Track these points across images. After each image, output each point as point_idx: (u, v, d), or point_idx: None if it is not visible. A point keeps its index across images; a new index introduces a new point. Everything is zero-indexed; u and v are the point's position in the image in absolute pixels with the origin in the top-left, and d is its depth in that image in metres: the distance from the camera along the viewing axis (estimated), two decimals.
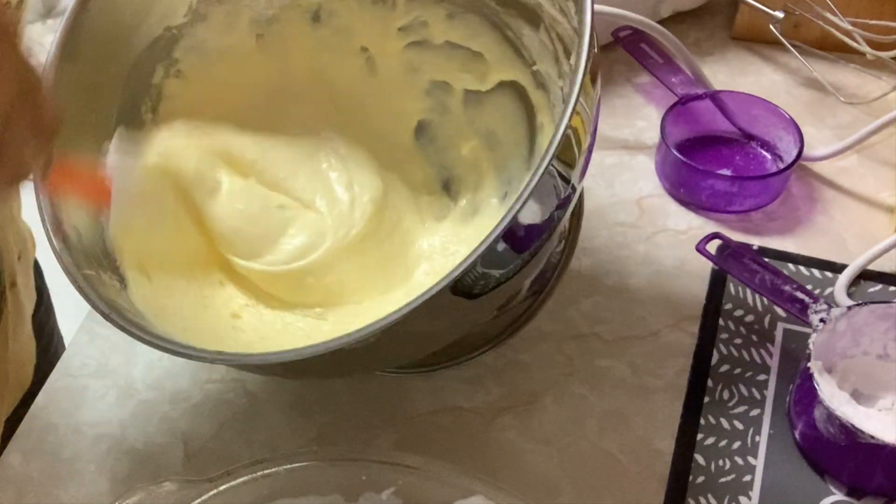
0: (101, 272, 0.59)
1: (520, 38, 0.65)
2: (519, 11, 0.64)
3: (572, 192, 0.54)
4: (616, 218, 0.78)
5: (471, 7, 0.67)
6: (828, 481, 0.62)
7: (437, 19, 0.68)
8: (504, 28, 0.66)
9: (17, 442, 0.66)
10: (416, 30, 0.69)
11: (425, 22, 0.68)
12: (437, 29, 0.68)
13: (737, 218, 0.77)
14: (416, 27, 0.69)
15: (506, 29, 0.66)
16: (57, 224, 0.58)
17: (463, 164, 0.71)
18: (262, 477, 0.54)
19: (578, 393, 0.67)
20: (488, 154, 0.70)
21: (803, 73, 0.88)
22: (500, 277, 0.53)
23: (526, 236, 0.52)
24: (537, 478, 0.63)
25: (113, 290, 0.59)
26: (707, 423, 0.65)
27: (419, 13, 0.68)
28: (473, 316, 0.58)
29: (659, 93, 0.86)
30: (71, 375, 0.69)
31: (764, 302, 0.71)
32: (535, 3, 0.62)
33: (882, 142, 0.82)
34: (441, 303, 0.50)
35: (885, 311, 0.63)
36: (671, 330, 0.70)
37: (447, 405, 0.67)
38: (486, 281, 0.52)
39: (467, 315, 0.57)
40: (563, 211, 0.55)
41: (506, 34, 0.66)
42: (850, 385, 0.64)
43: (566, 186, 0.53)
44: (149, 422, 0.67)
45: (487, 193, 0.69)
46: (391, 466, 0.55)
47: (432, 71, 0.70)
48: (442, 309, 0.52)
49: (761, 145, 0.81)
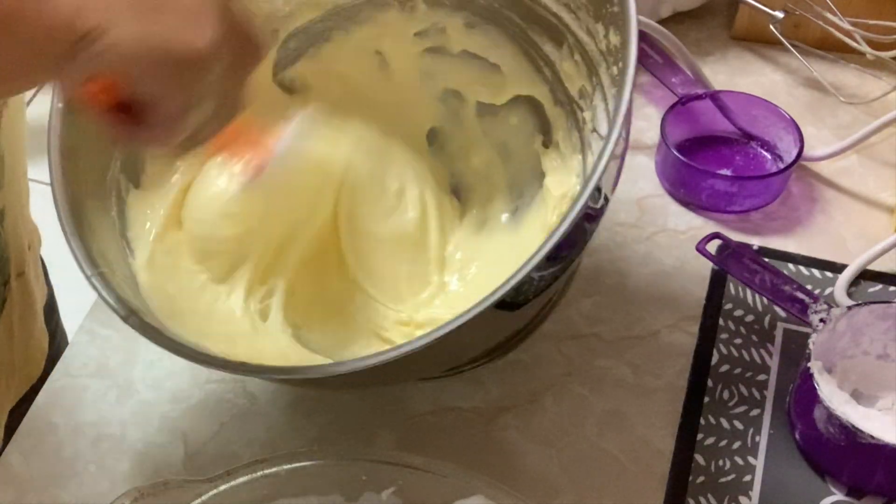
0: (117, 269, 0.59)
1: (540, 54, 0.65)
2: (543, 28, 0.64)
3: (605, 202, 0.54)
4: (616, 218, 0.78)
5: (492, 19, 0.66)
6: (828, 481, 0.62)
7: (455, 27, 0.68)
8: (524, 42, 0.66)
9: (17, 442, 0.66)
10: (433, 36, 0.69)
11: (443, 29, 0.68)
12: (454, 37, 0.68)
13: (737, 218, 0.77)
14: (434, 33, 0.69)
15: (526, 44, 0.66)
16: (77, 220, 0.58)
17: (474, 174, 0.71)
18: (262, 477, 0.54)
19: (578, 393, 0.67)
20: (501, 167, 0.70)
21: (803, 73, 0.88)
22: (535, 290, 0.54)
23: (565, 251, 0.53)
24: (537, 478, 0.63)
25: (128, 288, 0.59)
26: (707, 423, 0.65)
27: (438, 19, 0.68)
28: (509, 326, 0.59)
29: (659, 93, 0.86)
30: (71, 375, 0.69)
31: (764, 302, 0.71)
32: (560, 22, 0.62)
33: (882, 142, 0.82)
34: (486, 316, 0.50)
35: (885, 311, 0.63)
36: (671, 330, 0.70)
37: (447, 405, 0.67)
38: (525, 295, 0.53)
39: (505, 325, 0.58)
40: (597, 223, 0.55)
41: (525, 48, 0.66)
42: (850, 385, 0.64)
43: (601, 200, 0.53)
44: (149, 422, 0.67)
45: (497, 208, 0.70)
46: (391, 466, 0.55)
47: (447, 79, 0.70)
48: (486, 321, 0.52)
49: (761, 145, 0.81)
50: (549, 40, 0.64)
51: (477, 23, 0.67)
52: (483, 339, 0.60)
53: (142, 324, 0.55)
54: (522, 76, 0.67)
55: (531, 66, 0.66)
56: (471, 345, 0.60)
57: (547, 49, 0.65)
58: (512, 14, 0.65)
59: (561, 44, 0.63)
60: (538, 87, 0.67)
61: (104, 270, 0.57)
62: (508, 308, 0.53)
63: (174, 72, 0.45)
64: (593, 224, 0.55)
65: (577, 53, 0.61)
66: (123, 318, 0.55)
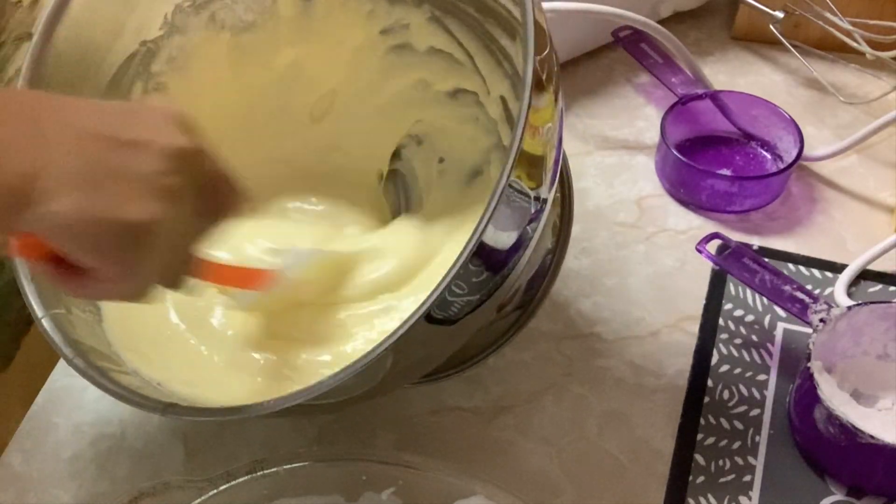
0: (73, 307, 0.59)
1: (499, 48, 0.64)
2: (497, 20, 0.63)
3: (543, 204, 0.53)
4: (616, 218, 0.78)
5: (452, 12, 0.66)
6: (828, 481, 0.62)
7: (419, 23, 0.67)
8: (484, 36, 0.65)
9: (17, 442, 0.66)
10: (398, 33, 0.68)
11: (407, 25, 0.67)
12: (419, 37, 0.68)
13: (737, 218, 0.77)
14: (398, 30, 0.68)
15: (487, 39, 0.64)
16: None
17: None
18: (261, 477, 0.54)
19: (578, 393, 0.67)
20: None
21: (803, 73, 0.88)
22: (480, 298, 0.52)
23: (499, 256, 0.51)
24: (537, 478, 0.63)
25: (85, 326, 0.59)
26: (707, 423, 0.65)
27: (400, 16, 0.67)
28: (463, 336, 0.57)
29: (659, 93, 0.86)
30: (71, 375, 0.69)
31: (764, 302, 0.71)
32: (510, 15, 0.60)
33: (882, 142, 0.82)
34: (419, 334, 0.49)
35: (885, 311, 0.63)
36: (671, 330, 0.70)
37: (447, 405, 0.67)
38: (467, 305, 0.52)
39: (457, 336, 0.57)
40: (537, 223, 0.53)
41: (487, 44, 0.65)
42: (850, 385, 0.64)
43: (535, 202, 0.52)
44: (149, 422, 0.67)
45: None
46: (391, 466, 0.55)
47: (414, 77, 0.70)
48: (422, 339, 0.51)
49: (761, 145, 0.81)
50: (504, 33, 0.62)
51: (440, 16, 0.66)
52: (441, 351, 0.58)
53: (85, 365, 0.55)
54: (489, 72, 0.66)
55: (493, 60, 0.65)
56: (428, 358, 0.58)
57: (504, 43, 0.63)
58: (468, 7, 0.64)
59: (514, 37, 0.61)
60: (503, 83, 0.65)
61: (58, 311, 0.57)
62: (447, 322, 0.52)
63: (114, 242, 0.43)
64: (534, 224, 0.53)
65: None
66: (68, 361, 0.56)
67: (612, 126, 0.85)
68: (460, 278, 0.48)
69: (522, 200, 0.50)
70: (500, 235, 0.50)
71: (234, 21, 0.68)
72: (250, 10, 0.68)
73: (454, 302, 0.50)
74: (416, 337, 0.49)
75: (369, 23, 0.68)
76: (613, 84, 0.89)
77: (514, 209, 0.50)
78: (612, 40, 0.88)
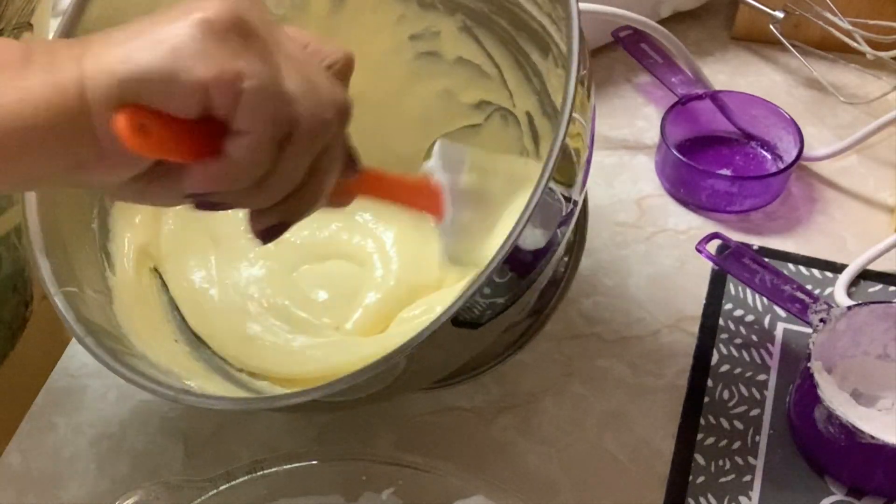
0: (86, 287, 0.58)
1: (529, 63, 0.64)
2: (529, 35, 0.63)
3: (574, 207, 0.53)
4: (616, 218, 0.78)
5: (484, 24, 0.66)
6: (828, 481, 0.62)
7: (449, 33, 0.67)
8: (515, 50, 0.65)
9: (17, 442, 0.66)
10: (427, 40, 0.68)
11: (438, 32, 0.68)
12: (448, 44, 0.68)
13: (737, 218, 0.77)
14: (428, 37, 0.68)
15: (516, 52, 0.65)
16: (49, 233, 0.57)
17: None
18: (261, 477, 0.54)
19: (578, 393, 0.67)
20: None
21: (803, 73, 0.88)
22: (506, 302, 0.53)
23: (529, 259, 0.51)
24: (537, 478, 0.63)
25: (96, 307, 0.58)
26: (707, 423, 0.65)
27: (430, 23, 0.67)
28: (484, 340, 0.58)
29: (659, 93, 0.86)
30: (71, 375, 0.69)
31: (764, 302, 0.71)
32: (543, 31, 0.61)
33: (882, 142, 0.82)
34: (442, 337, 0.48)
35: (885, 311, 0.63)
36: (671, 330, 0.70)
37: (447, 405, 0.66)
38: (492, 308, 0.52)
39: (478, 341, 0.57)
40: (567, 227, 0.54)
41: (516, 57, 0.65)
42: (850, 385, 0.64)
43: (567, 204, 0.52)
44: (149, 422, 0.66)
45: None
46: (391, 466, 0.55)
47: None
48: (447, 340, 0.51)
49: (761, 145, 0.81)
50: (536, 48, 0.63)
51: (471, 26, 0.66)
52: (460, 355, 0.58)
53: (96, 345, 0.55)
54: (518, 87, 0.66)
55: (522, 75, 0.65)
56: (446, 362, 0.58)
57: (535, 58, 0.63)
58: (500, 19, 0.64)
59: (546, 53, 0.62)
60: (529, 99, 0.65)
61: (71, 289, 0.56)
62: (471, 326, 0.51)
63: (281, 115, 0.41)
64: (564, 228, 0.53)
65: (562, 62, 0.59)
66: (79, 339, 0.55)
67: (612, 126, 0.85)
68: (488, 282, 0.47)
69: (560, 200, 0.50)
70: (536, 234, 0.50)
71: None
72: (281, 5, 0.67)
73: (478, 304, 0.49)
74: (438, 340, 0.48)
75: (399, 27, 0.68)
76: (613, 84, 0.89)
77: (548, 210, 0.49)
78: (612, 40, 0.88)
